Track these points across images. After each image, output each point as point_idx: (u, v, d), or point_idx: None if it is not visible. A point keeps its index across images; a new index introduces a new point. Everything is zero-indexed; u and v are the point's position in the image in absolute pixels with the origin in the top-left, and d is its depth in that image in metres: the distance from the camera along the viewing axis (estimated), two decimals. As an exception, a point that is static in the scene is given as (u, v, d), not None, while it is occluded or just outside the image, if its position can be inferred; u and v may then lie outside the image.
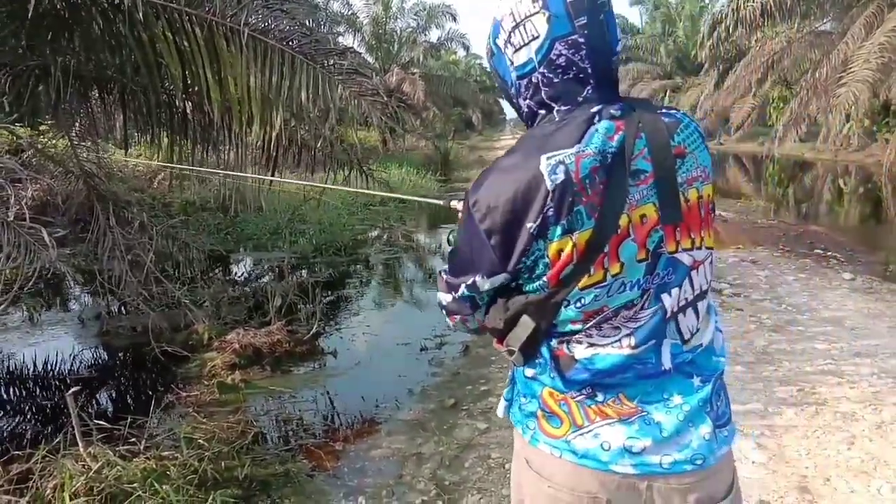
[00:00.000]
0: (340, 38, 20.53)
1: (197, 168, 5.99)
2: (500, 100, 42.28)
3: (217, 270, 7.89)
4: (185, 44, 4.92)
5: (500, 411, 1.40)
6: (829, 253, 7.97)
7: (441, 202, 1.83)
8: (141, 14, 4.49)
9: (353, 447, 3.61)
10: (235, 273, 8.04)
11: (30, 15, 4.43)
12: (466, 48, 25.51)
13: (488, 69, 1.35)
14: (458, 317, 1.32)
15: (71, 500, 2.87)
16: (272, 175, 6.03)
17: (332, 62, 5.11)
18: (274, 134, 5.17)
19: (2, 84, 5.31)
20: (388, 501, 3.03)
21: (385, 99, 5.06)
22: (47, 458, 3.15)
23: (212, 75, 4.93)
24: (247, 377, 4.51)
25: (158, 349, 4.76)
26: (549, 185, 1.08)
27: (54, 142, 6.93)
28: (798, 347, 4.63)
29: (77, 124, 6.27)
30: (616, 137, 1.12)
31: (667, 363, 1.18)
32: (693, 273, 1.20)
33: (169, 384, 4.43)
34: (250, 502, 3.06)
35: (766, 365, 4.32)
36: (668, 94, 29.98)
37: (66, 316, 6.10)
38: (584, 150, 1.10)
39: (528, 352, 1.22)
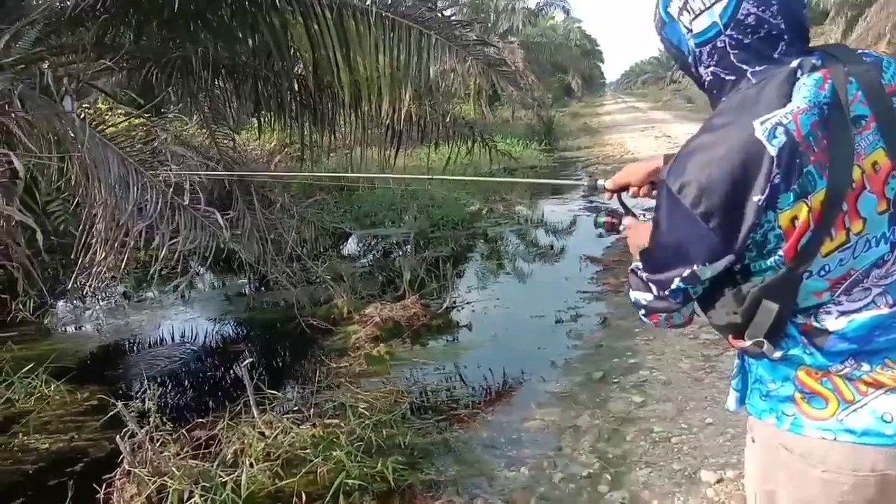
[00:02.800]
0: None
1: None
2: (600, 64, 40.91)
3: (342, 247, 8.17)
4: (315, 27, 5.04)
5: (730, 404, 1.35)
6: None
7: (585, 183, 1.66)
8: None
9: (505, 418, 3.64)
10: (361, 249, 8.28)
11: (175, 7, 4.67)
12: (566, 11, 24.75)
13: (660, 41, 1.27)
14: (662, 315, 1.26)
15: (251, 466, 3.07)
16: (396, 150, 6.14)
17: (458, 34, 5.09)
18: (403, 111, 5.24)
19: (151, 76, 5.67)
20: (551, 473, 3.03)
21: (513, 68, 4.99)
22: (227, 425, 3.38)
23: (341, 57, 5.02)
24: (390, 349, 4.64)
25: (304, 323, 5.00)
26: (771, 150, 1.02)
27: (192, 129, 7.37)
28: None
29: (210, 110, 6.60)
30: (826, 87, 1.06)
31: None
32: None
33: (319, 356, 4.63)
34: (416, 469, 3.14)
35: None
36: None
37: (212, 294, 6.50)
38: (798, 107, 1.04)
39: (774, 337, 1.14)
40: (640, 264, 1.25)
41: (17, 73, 4.33)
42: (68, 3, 4.69)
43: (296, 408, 3.66)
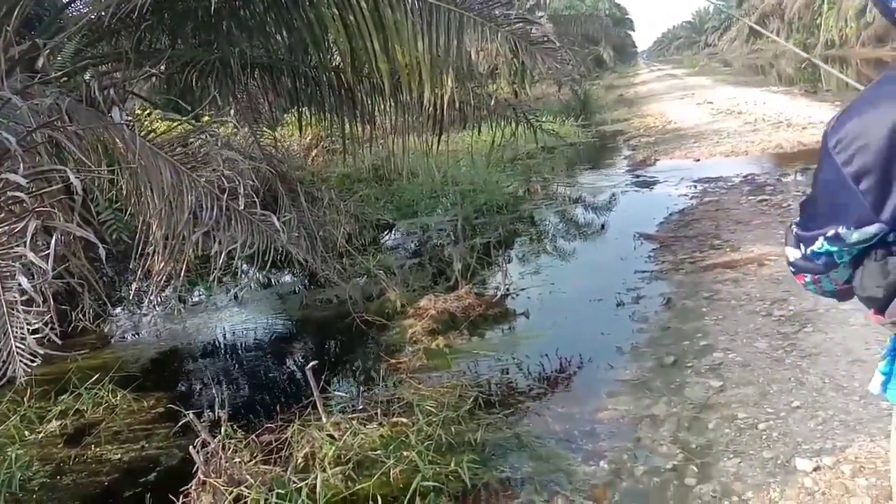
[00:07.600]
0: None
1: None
2: (631, 32, 39.92)
3: (386, 239, 8.12)
4: (352, 18, 4.94)
5: (873, 388, 1.25)
6: None
7: None
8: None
9: (576, 409, 3.52)
10: (406, 239, 8.21)
11: (212, 8, 4.63)
12: (593, -18, 24.06)
13: None
14: (807, 277, 1.16)
15: (322, 470, 3.02)
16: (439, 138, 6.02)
17: (498, 13, 4.93)
18: (446, 96, 5.11)
19: (189, 80, 5.65)
20: (633, 466, 2.91)
21: (557, 44, 4.82)
22: (297, 429, 3.34)
23: (379, 46, 4.92)
24: (448, 342, 4.55)
25: (358, 318, 4.94)
26: None
27: (230, 130, 7.37)
28: None
29: (251, 110, 6.59)
30: None
31: None
32: None
33: (376, 352, 4.58)
34: (490, 467, 3.06)
35: None
36: None
37: (264, 294, 6.50)
38: None
39: None
40: (797, 219, 1.18)
41: (62, 86, 4.34)
42: (104, 14, 4.67)
43: (360, 407, 3.61)
